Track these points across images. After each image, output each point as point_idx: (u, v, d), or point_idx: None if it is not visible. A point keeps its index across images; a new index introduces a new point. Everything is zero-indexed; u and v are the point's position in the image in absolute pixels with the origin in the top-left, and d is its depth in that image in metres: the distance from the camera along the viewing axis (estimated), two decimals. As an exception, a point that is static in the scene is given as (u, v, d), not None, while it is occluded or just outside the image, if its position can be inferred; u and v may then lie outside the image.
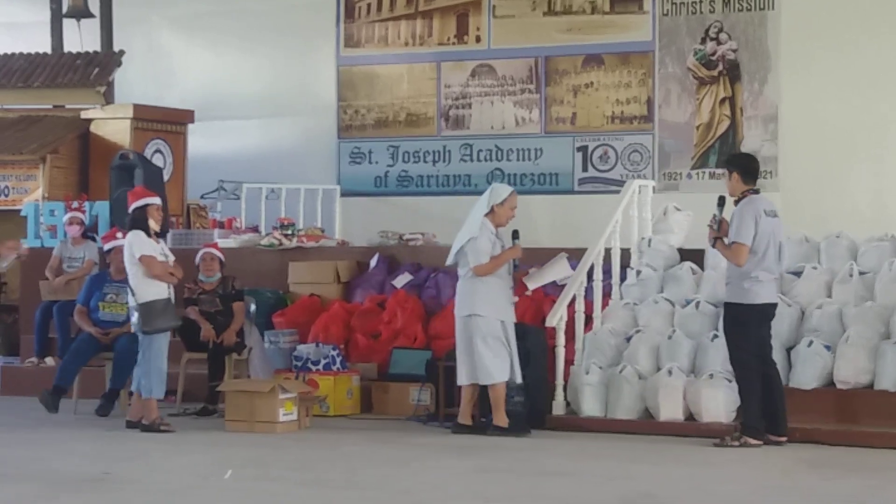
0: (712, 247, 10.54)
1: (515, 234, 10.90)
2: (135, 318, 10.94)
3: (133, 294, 10.96)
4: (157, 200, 11.27)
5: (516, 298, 11.11)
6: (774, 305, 10.39)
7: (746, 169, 10.32)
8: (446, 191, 16.07)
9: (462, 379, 10.87)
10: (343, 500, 8.16)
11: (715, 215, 10.34)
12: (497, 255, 10.80)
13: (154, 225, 11.11)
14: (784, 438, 10.21)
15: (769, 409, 10.22)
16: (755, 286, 10.16)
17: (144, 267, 10.92)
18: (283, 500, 8.17)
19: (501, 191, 11.05)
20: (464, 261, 10.89)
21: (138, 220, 11.10)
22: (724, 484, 8.78)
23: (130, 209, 11.19)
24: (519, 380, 10.82)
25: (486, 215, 10.90)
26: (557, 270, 11.23)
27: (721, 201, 10.40)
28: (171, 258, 11.22)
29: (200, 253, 12.42)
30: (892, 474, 9.19)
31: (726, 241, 10.23)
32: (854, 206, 13.95)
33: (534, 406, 11.00)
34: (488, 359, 10.73)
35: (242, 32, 17.03)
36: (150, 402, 10.95)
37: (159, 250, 11.08)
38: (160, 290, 10.95)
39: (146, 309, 10.87)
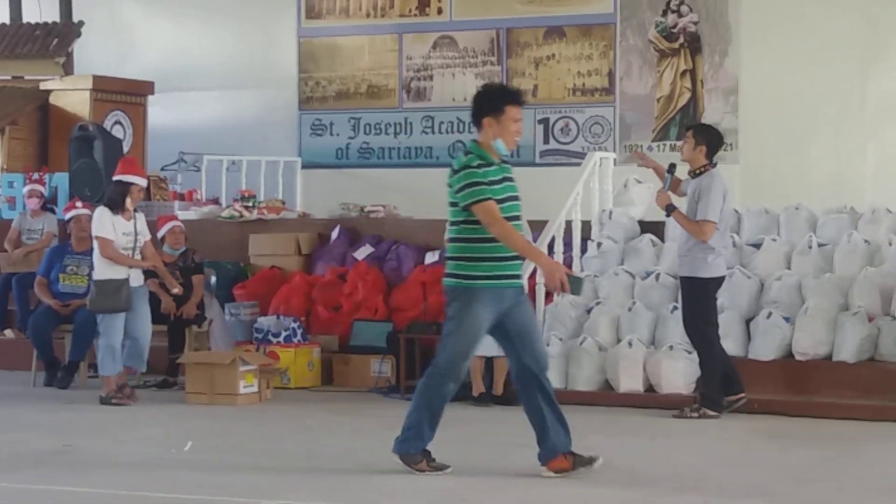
0: (667, 215, 10.49)
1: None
2: (91, 294, 10.96)
3: (93, 268, 10.96)
4: (143, 182, 11.17)
5: None
6: (723, 278, 10.47)
7: (713, 144, 10.28)
8: (408, 163, 16.05)
9: None
10: (305, 472, 8.17)
11: (666, 181, 10.38)
12: None
13: (130, 205, 11.01)
14: (743, 396, 10.26)
15: (725, 373, 10.29)
16: (718, 259, 10.21)
17: (99, 247, 10.89)
18: (244, 470, 8.18)
19: None
20: None
21: (115, 196, 10.98)
22: (682, 455, 8.84)
23: (113, 178, 11.07)
24: (486, 353, 10.86)
25: None
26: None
27: (671, 169, 10.42)
28: (146, 237, 11.09)
29: (169, 226, 12.36)
30: (849, 445, 9.26)
31: (686, 213, 10.26)
32: (813, 179, 14.02)
33: (487, 380, 11.04)
34: None
35: (203, 3, 16.95)
36: (107, 377, 10.93)
37: (126, 228, 10.94)
38: (118, 271, 10.87)
39: (97, 287, 10.86)
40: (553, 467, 7.83)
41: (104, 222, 10.90)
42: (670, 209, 10.27)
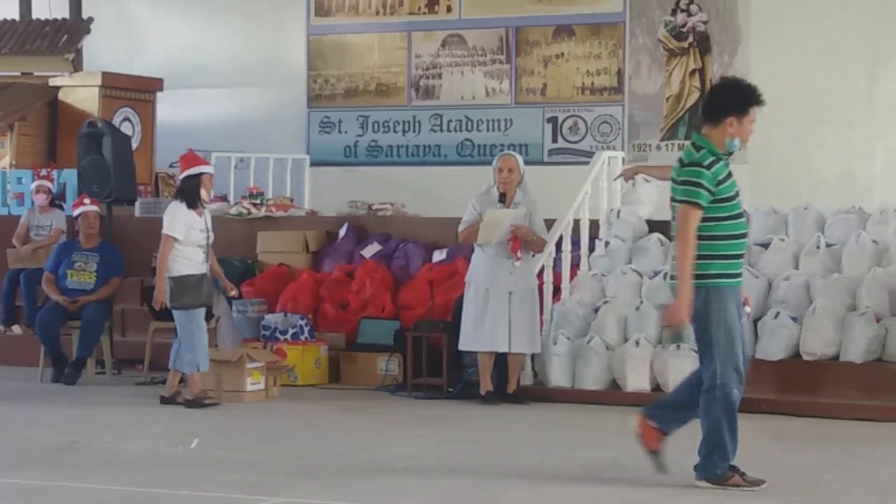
0: None
1: (501, 198, 11.00)
2: (168, 291, 10.67)
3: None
4: (211, 169, 11.06)
5: (517, 263, 10.99)
6: None
7: None
8: (416, 161, 16.04)
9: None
10: (311, 469, 8.18)
11: None
12: (471, 224, 10.91)
13: (206, 195, 10.89)
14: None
15: None
16: None
17: (162, 243, 10.69)
18: (250, 468, 8.18)
19: (495, 159, 11.23)
20: None
21: (188, 190, 10.81)
22: (688, 454, 8.81)
23: (182, 175, 10.92)
24: (503, 349, 10.87)
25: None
26: (505, 220, 11.12)
27: None
28: (211, 235, 10.96)
29: None
30: (857, 445, 9.25)
31: None
32: (822, 179, 13.99)
33: (502, 377, 11.03)
34: (464, 327, 10.83)
35: (212, 0, 16.94)
36: (194, 376, 10.69)
37: (200, 224, 10.81)
38: (193, 266, 10.72)
39: (176, 283, 10.63)
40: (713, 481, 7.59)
41: (176, 220, 10.70)
42: None
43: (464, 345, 10.97)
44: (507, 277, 10.90)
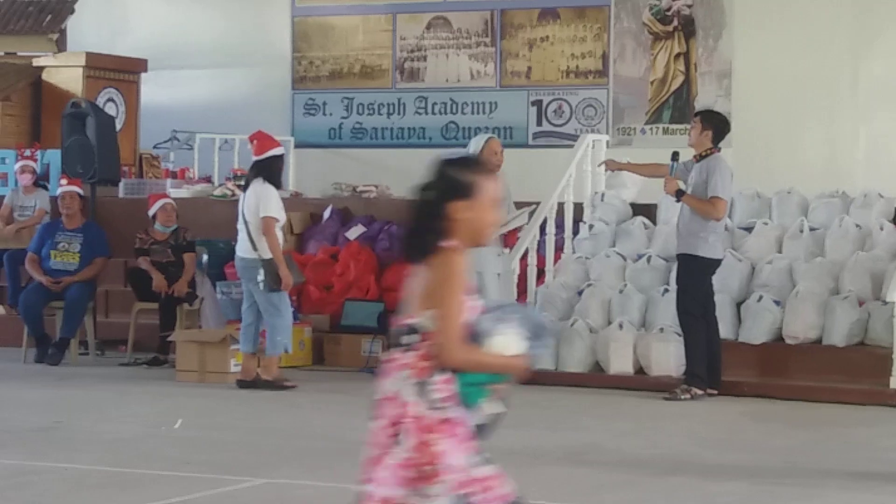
0: (677, 200, 10.49)
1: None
2: (260, 274, 10.55)
3: (255, 248, 10.59)
4: (283, 151, 10.87)
5: (506, 251, 11.07)
6: (720, 261, 10.52)
7: (720, 130, 10.41)
8: (401, 143, 16.03)
9: None
10: (294, 449, 8.19)
11: (672, 167, 10.39)
12: None
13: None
14: (716, 392, 10.30)
15: (709, 362, 10.32)
16: (717, 242, 10.29)
17: (264, 229, 10.55)
18: (233, 448, 8.19)
19: (477, 141, 10.97)
20: None
21: (274, 171, 10.67)
22: (670, 437, 8.86)
23: (261, 156, 10.70)
24: None
25: None
26: (516, 221, 11.18)
27: (675, 156, 10.45)
28: None
29: (160, 203, 12.34)
30: (837, 429, 9.28)
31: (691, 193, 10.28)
32: (805, 163, 14.01)
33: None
34: None
35: (197, -19, 16.91)
36: (273, 359, 10.62)
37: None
38: (283, 246, 10.70)
39: (270, 266, 10.53)
40: None
41: (274, 202, 10.60)
42: (679, 194, 10.31)
43: None
44: (496, 259, 10.93)
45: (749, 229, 11.74)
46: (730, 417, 9.63)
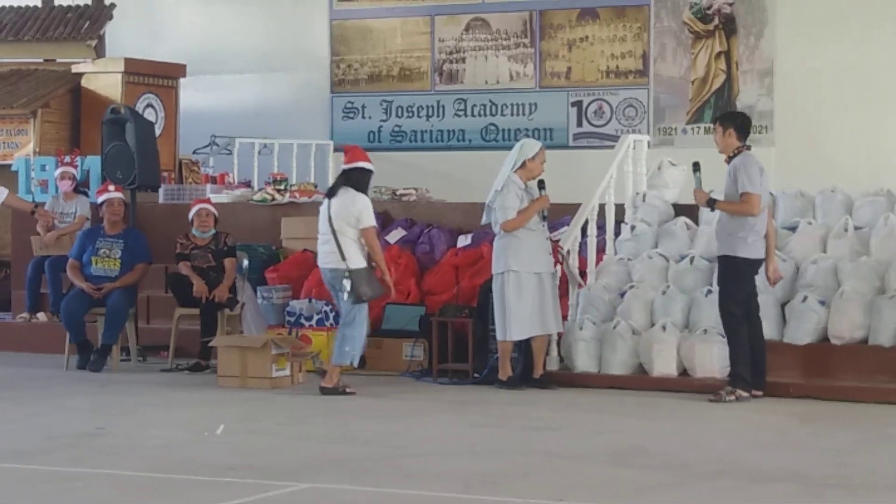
0: (711, 210, 10.47)
1: (541, 184, 10.95)
2: (347, 285, 10.49)
3: (343, 258, 10.53)
4: (372, 167, 10.91)
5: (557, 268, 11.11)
6: (763, 261, 10.42)
7: (741, 126, 10.32)
8: (440, 146, 16.00)
9: (499, 335, 10.87)
10: (336, 454, 8.16)
11: (697, 179, 10.41)
12: (524, 209, 10.80)
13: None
14: (760, 393, 10.21)
15: (751, 363, 10.24)
16: (757, 241, 10.21)
17: (367, 239, 10.54)
18: (275, 453, 8.16)
19: (533, 146, 11.08)
20: (494, 218, 10.91)
21: (362, 183, 10.69)
22: (715, 439, 8.78)
23: (351, 166, 10.74)
24: (556, 329, 10.85)
25: (517, 171, 10.91)
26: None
27: (696, 166, 10.48)
28: None
29: (195, 208, 12.36)
30: (884, 429, 9.18)
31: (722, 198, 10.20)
32: (849, 161, 13.90)
33: (527, 362, 10.99)
34: (511, 314, 10.73)
35: (234, -15, 16.94)
36: (337, 368, 10.58)
37: None
38: (364, 258, 10.66)
39: (359, 276, 10.50)
40: None
41: (370, 210, 10.64)
42: (711, 203, 10.26)
43: (524, 332, 10.81)
44: (549, 259, 10.93)
45: (793, 229, 11.64)
46: (776, 419, 9.54)
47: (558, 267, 11.19)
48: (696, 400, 10.23)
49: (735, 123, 10.32)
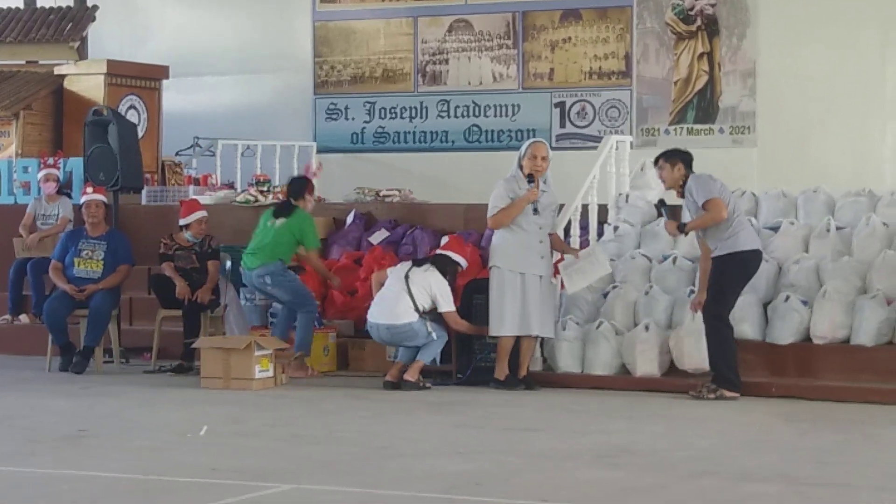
0: (684, 234, 10.69)
1: (530, 178, 10.88)
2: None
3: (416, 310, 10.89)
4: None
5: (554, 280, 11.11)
6: (760, 252, 10.53)
7: (687, 160, 10.55)
8: (423, 147, 16.01)
9: (490, 330, 10.97)
10: (320, 455, 8.15)
11: (663, 213, 10.53)
12: (507, 205, 10.78)
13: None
14: (738, 394, 10.26)
15: None
16: (751, 233, 10.36)
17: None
18: (259, 454, 8.15)
19: (522, 146, 11.14)
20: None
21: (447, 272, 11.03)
22: (700, 438, 8.79)
23: (446, 254, 11.11)
24: (539, 332, 10.85)
25: (521, 169, 10.96)
26: (595, 269, 11.13)
27: (662, 203, 10.61)
28: None
29: (197, 215, 12.27)
30: (867, 428, 9.21)
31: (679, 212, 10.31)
32: (831, 162, 13.95)
33: (513, 362, 10.98)
34: (494, 311, 10.74)
35: (217, -13, 16.93)
36: (419, 363, 10.83)
37: None
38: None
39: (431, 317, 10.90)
40: None
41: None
42: (682, 228, 10.44)
43: (504, 329, 10.83)
44: (539, 262, 10.90)
45: (775, 229, 11.67)
46: (759, 419, 9.56)
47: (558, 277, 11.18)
48: (679, 399, 10.25)
49: (683, 159, 10.50)
